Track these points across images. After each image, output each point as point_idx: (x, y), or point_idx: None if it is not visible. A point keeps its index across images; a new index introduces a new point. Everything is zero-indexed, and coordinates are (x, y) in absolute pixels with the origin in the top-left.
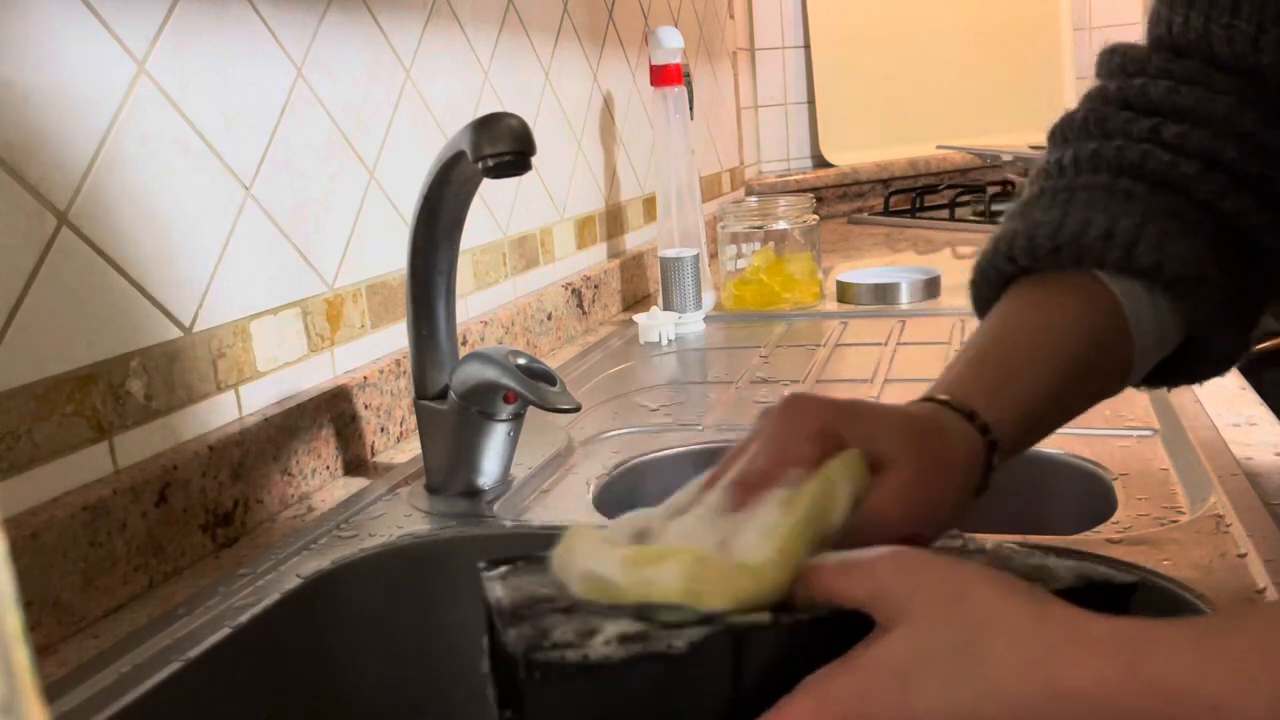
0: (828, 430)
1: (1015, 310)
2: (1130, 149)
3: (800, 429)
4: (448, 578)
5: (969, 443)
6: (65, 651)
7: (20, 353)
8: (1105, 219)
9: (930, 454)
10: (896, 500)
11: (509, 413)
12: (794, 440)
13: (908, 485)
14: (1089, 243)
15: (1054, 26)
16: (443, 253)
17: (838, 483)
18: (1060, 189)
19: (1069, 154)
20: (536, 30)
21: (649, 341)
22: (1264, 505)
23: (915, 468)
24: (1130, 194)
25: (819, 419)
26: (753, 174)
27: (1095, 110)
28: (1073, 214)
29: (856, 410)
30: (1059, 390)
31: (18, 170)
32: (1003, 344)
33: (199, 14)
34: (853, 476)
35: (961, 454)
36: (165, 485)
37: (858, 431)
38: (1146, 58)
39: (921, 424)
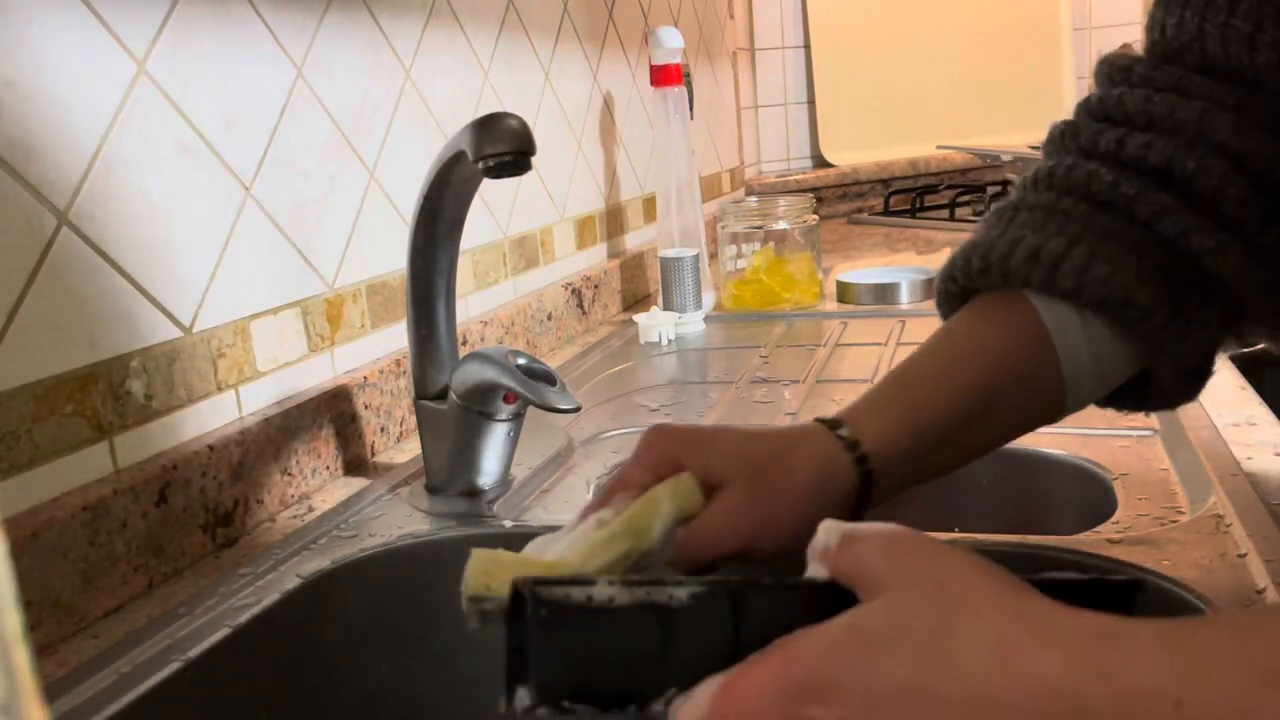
0: (665, 458)
1: (937, 334)
2: (1079, 168)
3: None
4: (448, 578)
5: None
6: (65, 651)
7: (20, 353)
8: (1037, 238)
9: (765, 475)
10: (721, 516)
11: (509, 413)
12: (634, 468)
13: (736, 503)
14: (1016, 263)
15: (1054, 26)
16: (443, 253)
17: (659, 503)
18: (1007, 208)
19: (1033, 171)
20: (536, 30)
21: (649, 341)
22: (1264, 505)
23: (745, 487)
24: (1069, 213)
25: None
26: (753, 174)
27: (1072, 123)
28: (1009, 233)
29: (704, 438)
30: (956, 413)
31: (18, 170)
32: (908, 366)
33: (199, 14)
34: (676, 497)
35: (806, 471)
36: (165, 485)
37: (695, 458)
38: (1132, 66)
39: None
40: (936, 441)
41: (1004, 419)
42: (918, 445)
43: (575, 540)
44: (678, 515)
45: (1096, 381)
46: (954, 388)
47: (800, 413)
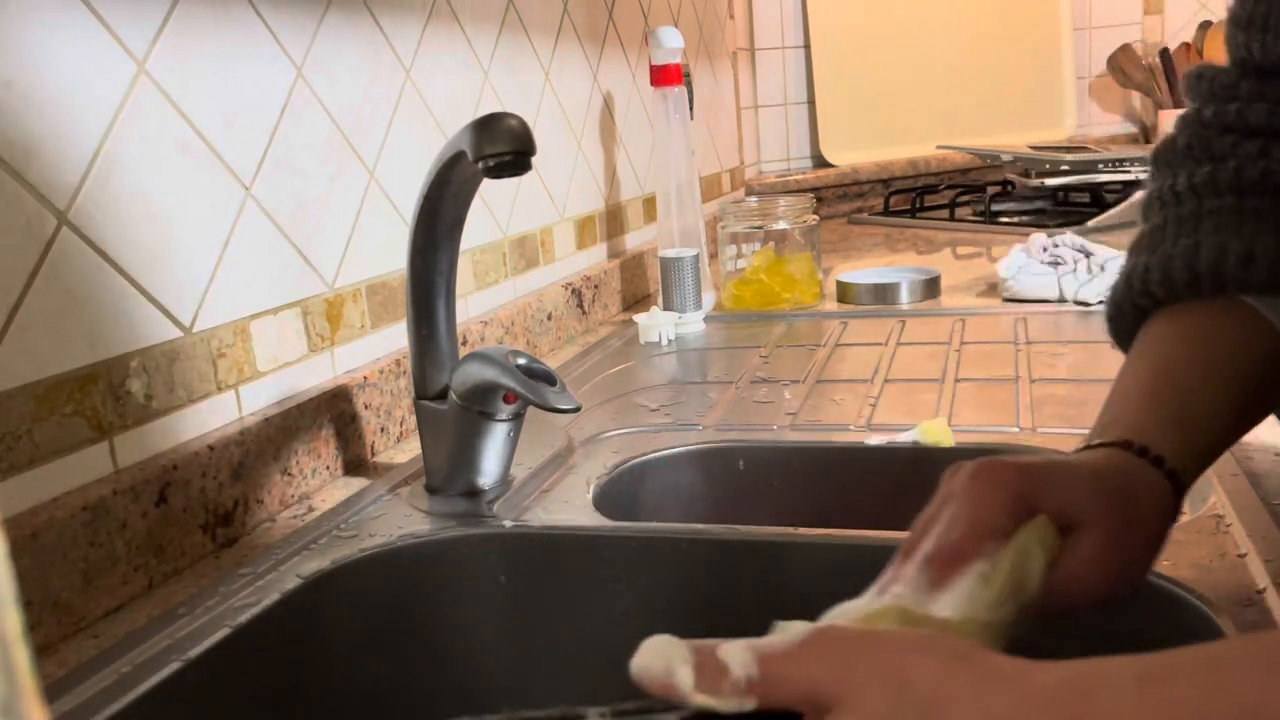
0: (1021, 498)
1: (1170, 341)
2: (1249, 167)
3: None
4: (448, 578)
5: (1159, 492)
6: (65, 651)
7: (20, 353)
8: (1241, 243)
9: (1122, 513)
10: (1091, 564)
11: (509, 413)
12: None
13: (1102, 548)
14: (1230, 269)
15: (1054, 26)
16: (443, 253)
17: (1032, 552)
18: (1186, 216)
19: (1182, 179)
20: (536, 30)
21: (649, 341)
22: (1264, 505)
23: (1108, 529)
24: (1260, 213)
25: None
26: (753, 174)
27: (1196, 135)
28: (1206, 240)
29: (1046, 473)
30: (1235, 415)
31: (18, 170)
32: (1171, 376)
33: (199, 14)
34: (1045, 544)
35: (1151, 503)
36: (165, 485)
37: (1049, 496)
38: (1236, 83)
39: (1112, 482)
40: (1216, 442)
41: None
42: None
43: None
44: (1048, 563)
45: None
46: (1228, 392)
47: (800, 412)
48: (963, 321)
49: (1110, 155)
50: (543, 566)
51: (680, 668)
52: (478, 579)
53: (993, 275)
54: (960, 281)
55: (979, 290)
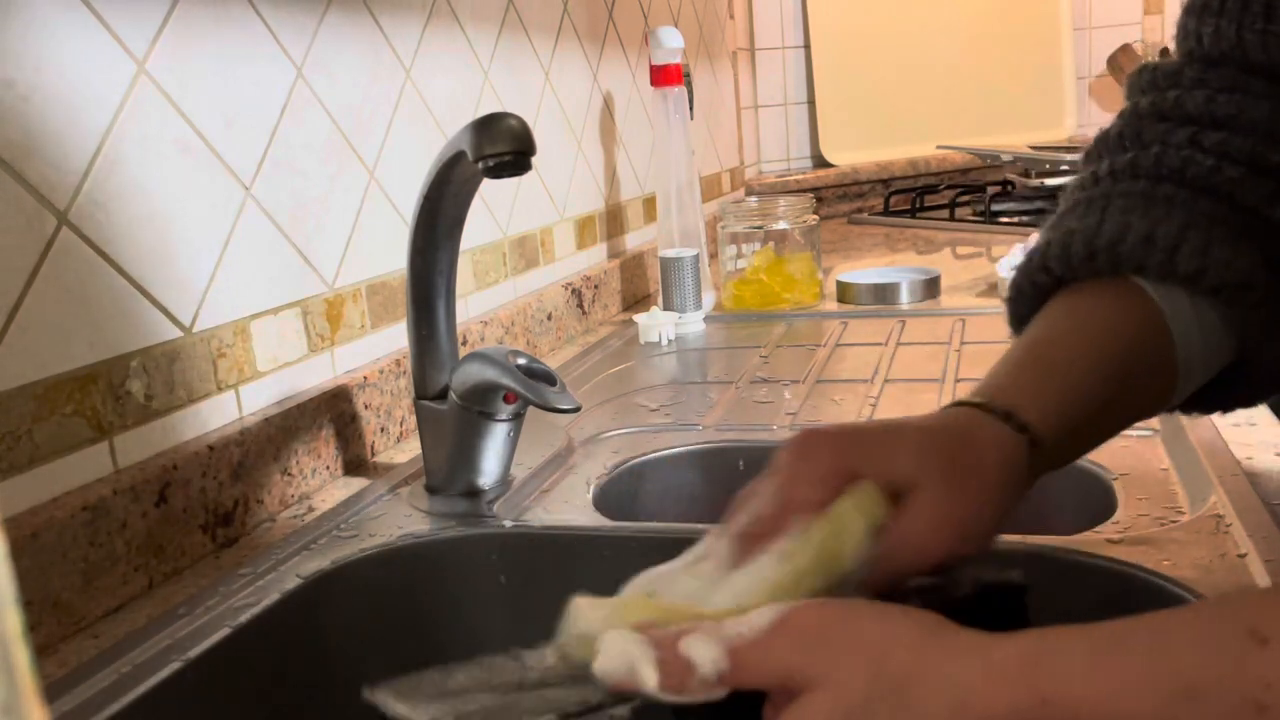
0: (837, 468)
1: (1053, 317)
2: (1170, 155)
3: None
4: (448, 578)
5: (1003, 444)
6: (65, 651)
7: (20, 353)
8: (1145, 224)
9: (956, 466)
10: (925, 522)
11: (509, 413)
12: (799, 484)
13: (936, 504)
14: (1127, 248)
15: (1054, 26)
16: (443, 253)
17: (849, 522)
18: (1096, 197)
19: (1104, 165)
20: (536, 30)
21: (649, 341)
22: (1264, 505)
23: (942, 484)
24: (1171, 200)
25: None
26: (753, 174)
27: (1129, 124)
28: (1110, 219)
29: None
30: (1102, 392)
31: (18, 170)
32: (1042, 346)
33: (199, 14)
34: (865, 511)
35: (994, 458)
36: (165, 485)
37: (872, 461)
38: (1179, 71)
39: (942, 436)
40: (1085, 425)
41: (1134, 404)
42: (1070, 429)
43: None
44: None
45: (1202, 371)
46: (1095, 361)
47: (800, 412)
48: (963, 321)
49: None
50: (543, 566)
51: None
52: (478, 579)
53: (993, 275)
54: (960, 281)
55: (979, 290)
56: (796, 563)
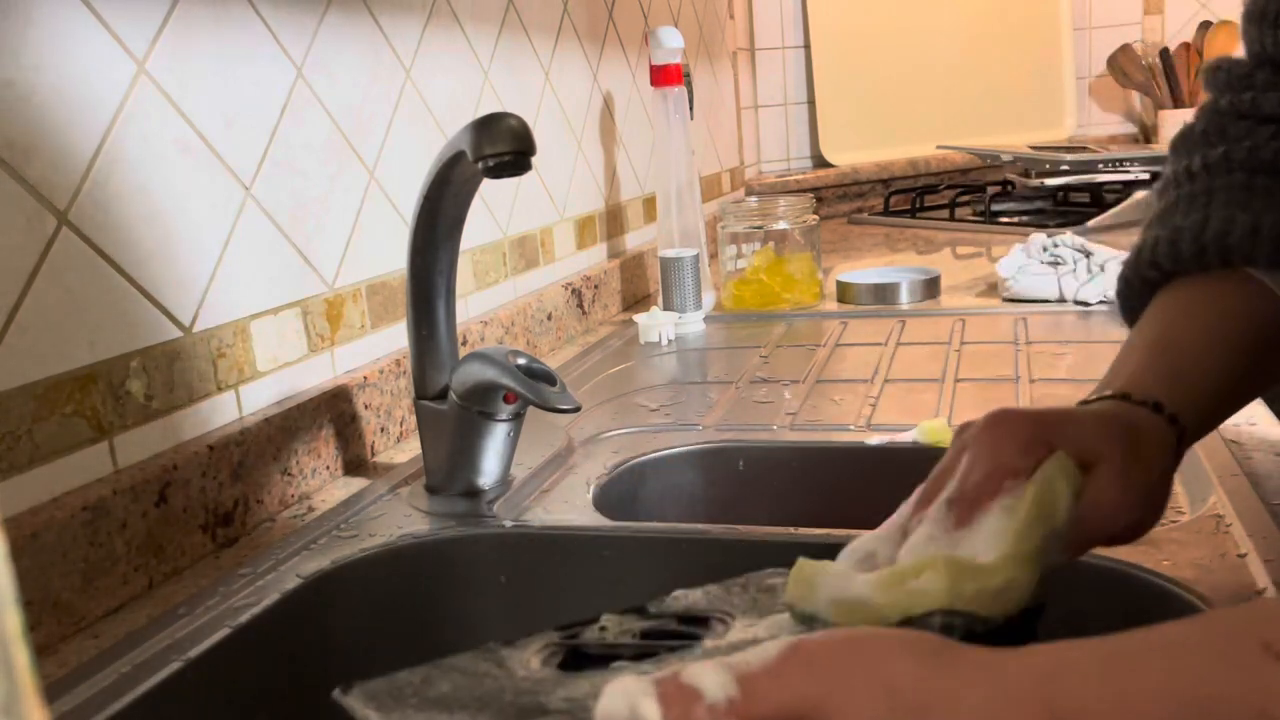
0: (1035, 439)
1: (1174, 308)
2: (1263, 148)
3: (1010, 441)
4: (448, 578)
5: (1161, 433)
6: (65, 651)
7: (20, 353)
8: (1249, 216)
9: (1132, 446)
10: (1112, 491)
11: (509, 413)
12: (1006, 452)
13: (1120, 476)
14: (1235, 241)
15: (1054, 26)
16: (443, 253)
17: (1056, 482)
18: (1197, 193)
19: (1197, 160)
20: (536, 30)
21: (649, 341)
22: (1264, 505)
23: (1120, 462)
24: (1271, 190)
25: (1025, 430)
26: (753, 174)
27: (1212, 121)
28: (1215, 214)
29: (1056, 417)
30: (1234, 374)
31: (18, 170)
32: (1172, 336)
33: (199, 14)
34: (1068, 475)
35: (1157, 446)
36: (165, 485)
37: (1063, 436)
38: (1251, 73)
39: (1118, 420)
40: (1218, 406)
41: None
42: (1208, 406)
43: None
44: (1074, 494)
45: None
46: (1225, 357)
47: (800, 412)
48: (963, 321)
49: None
50: (543, 566)
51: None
52: (478, 579)
53: (993, 275)
54: (960, 281)
55: (979, 290)
56: (1020, 516)
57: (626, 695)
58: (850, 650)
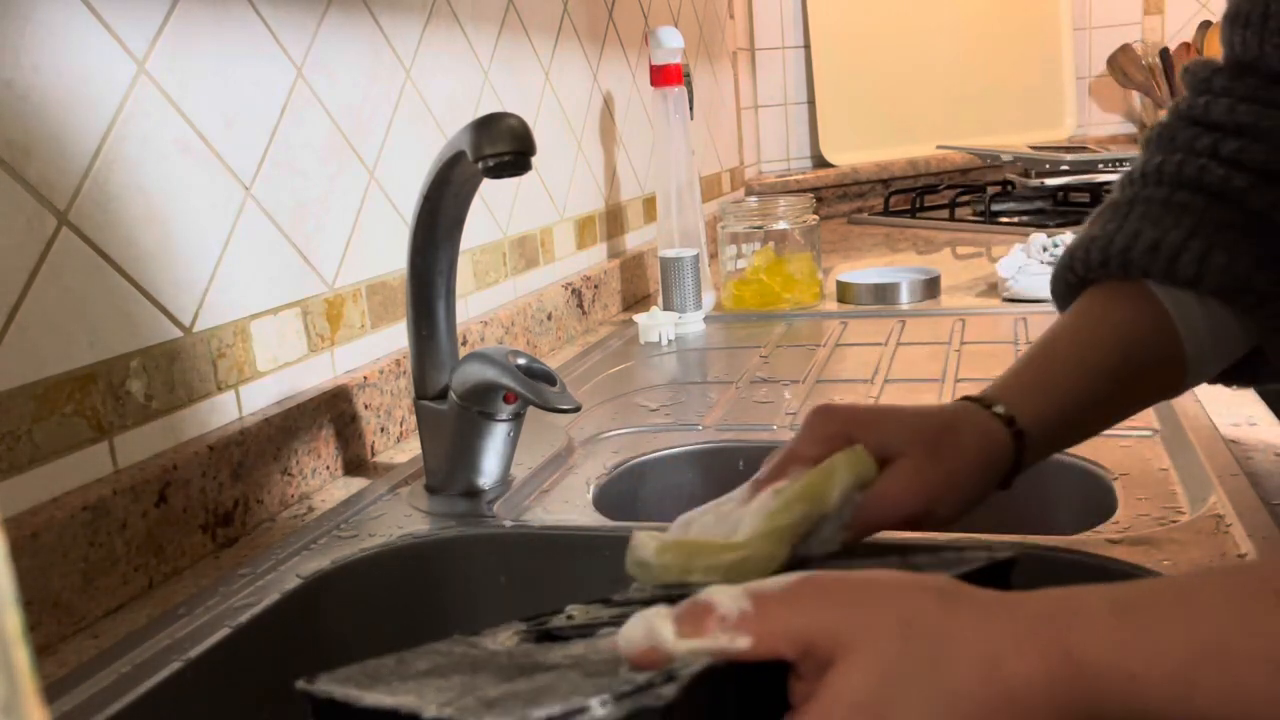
0: (836, 434)
1: (1066, 319)
2: (1189, 163)
3: (812, 433)
4: (448, 578)
5: (988, 433)
6: (65, 651)
7: (20, 353)
8: (1155, 231)
9: (938, 444)
10: (901, 482)
11: (509, 413)
12: (804, 443)
13: (913, 469)
14: (1136, 255)
15: (1054, 26)
16: (443, 253)
17: (837, 470)
18: (1122, 202)
19: (1139, 166)
20: (536, 30)
21: (649, 341)
22: (1264, 505)
23: (921, 455)
24: (1186, 206)
25: (832, 424)
26: (753, 174)
27: (1169, 125)
28: (1126, 227)
29: (873, 415)
30: (1099, 390)
31: (18, 170)
32: (1046, 349)
33: (199, 14)
34: (853, 466)
35: (976, 443)
36: (165, 485)
37: (869, 432)
38: (1211, 77)
39: (934, 420)
40: (1078, 418)
41: (1135, 395)
42: (1063, 421)
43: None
44: (855, 483)
45: (1215, 358)
46: (1093, 369)
47: (800, 412)
48: (963, 321)
49: (1110, 155)
50: (543, 566)
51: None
52: (478, 579)
53: (993, 275)
54: (960, 281)
55: (979, 290)
56: (786, 495)
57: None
58: (865, 584)
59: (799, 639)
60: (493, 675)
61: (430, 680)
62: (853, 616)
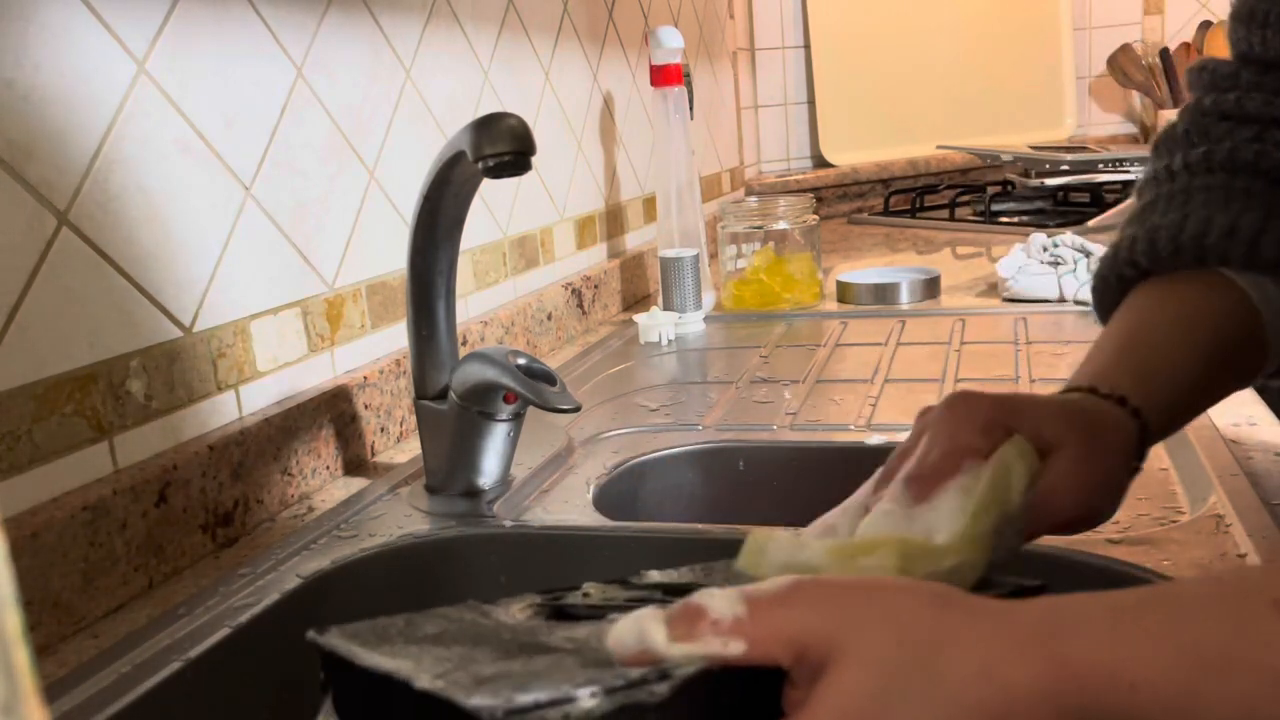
0: (994, 421)
1: (1147, 306)
2: (1243, 149)
3: (969, 423)
4: (448, 578)
5: (1124, 427)
6: (65, 651)
7: (20, 353)
8: (1226, 217)
9: (1093, 436)
10: (1069, 478)
11: (509, 413)
12: (965, 433)
13: (1078, 464)
14: (1212, 241)
15: (1054, 26)
16: (443, 253)
17: (1013, 465)
18: (1177, 191)
19: (1178, 159)
20: (536, 30)
21: (649, 341)
22: (1264, 505)
23: (1082, 448)
24: (1249, 191)
25: (985, 412)
26: (753, 174)
27: (1195, 121)
28: (1193, 214)
29: (1018, 402)
30: (1203, 374)
31: (18, 170)
32: (1142, 333)
33: (199, 14)
34: (1026, 459)
35: (1117, 439)
36: (165, 485)
37: (1023, 420)
38: (1236, 73)
39: (1078, 412)
40: (1191, 402)
41: (1227, 381)
42: (1179, 407)
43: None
44: (1030, 480)
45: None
46: (1195, 347)
47: (800, 412)
48: (963, 321)
49: (1110, 155)
50: (543, 566)
51: (651, 627)
52: (478, 579)
53: (993, 275)
54: (960, 281)
55: (979, 290)
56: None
57: (636, 621)
58: (861, 590)
59: (793, 644)
60: (492, 650)
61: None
62: (847, 622)
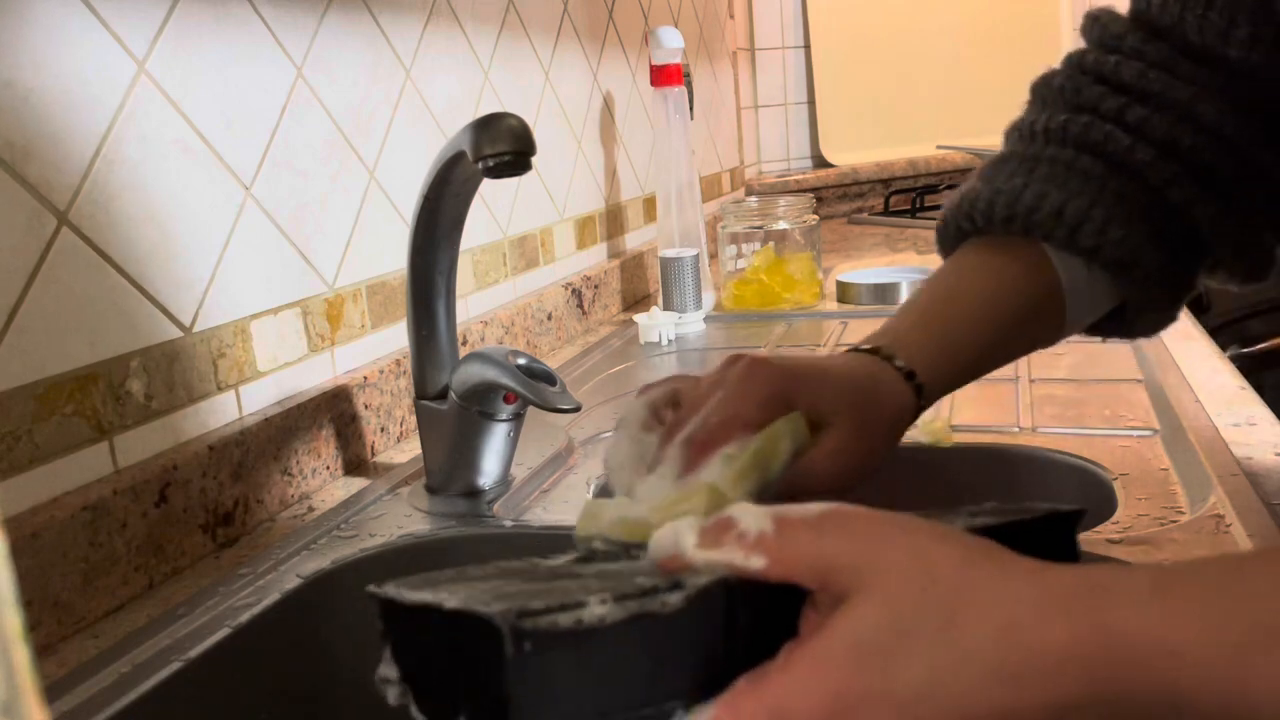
0: (775, 396)
1: (964, 271)
2: (1096, 127)
3: (754, 394)
4: None
5: (899, 395)
6: (65, 651)
7: (20, 353)
8: (1059, 196)
9: (864, 411)
10: (829, 458)
11: (509, 413)
12: (746, 406)
13: (842, 445)
14: (1040, 218)
15: (1054, 26)
16: (443, 253)
17: (780, 441)
18: (1028, 157)
19: (1042, 119)
20: (536, 30)
21: (649, 341)
22: (1264, 505)
23: (851, 424)
24: (1088, 173)
25: (769, 385)
26: (753, 174)
27: (1073, 78)
28: (1032, 186)
29: (805, 374)
30: (995, 349)
31: (18, 170)
32: (948, 306)
33: (199, 14)
34: (793, 435)
35: (891, 407)
36: (165, 485)
37: (802, 395)
38: (1124, 33)
39: (857, 382)
40: (969, 373)
41: (1019, 348)
42: (956, 376)
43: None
44: (795, 452)
45: (1087, 316)
46: (986, 323)
47: None
48: None
49: None
50: None
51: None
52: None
53: None
54: None
55: None
56: (740, 465)
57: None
58: (896, 526)
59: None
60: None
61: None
62: (877, 556)
